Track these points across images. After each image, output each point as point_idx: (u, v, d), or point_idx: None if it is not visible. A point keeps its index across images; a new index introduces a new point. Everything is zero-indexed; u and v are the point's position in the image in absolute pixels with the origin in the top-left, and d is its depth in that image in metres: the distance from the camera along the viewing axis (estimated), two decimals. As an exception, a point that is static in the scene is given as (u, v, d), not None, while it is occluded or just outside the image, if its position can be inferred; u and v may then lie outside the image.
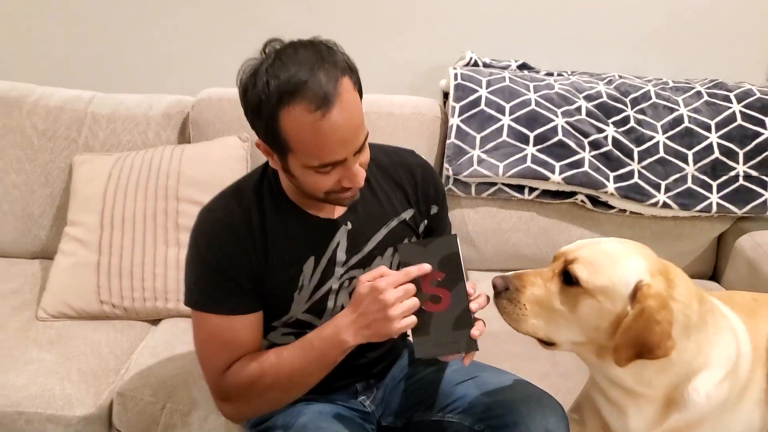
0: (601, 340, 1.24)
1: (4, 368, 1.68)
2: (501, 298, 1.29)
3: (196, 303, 1.33)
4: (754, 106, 2.09)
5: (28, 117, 2.20)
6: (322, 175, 1.23)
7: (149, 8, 2.52)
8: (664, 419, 1.29)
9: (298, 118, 1.15)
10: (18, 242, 2.22)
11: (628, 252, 1.27)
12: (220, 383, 1.34)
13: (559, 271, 1.26)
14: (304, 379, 1.30)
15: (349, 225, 1.38)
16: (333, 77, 1.16)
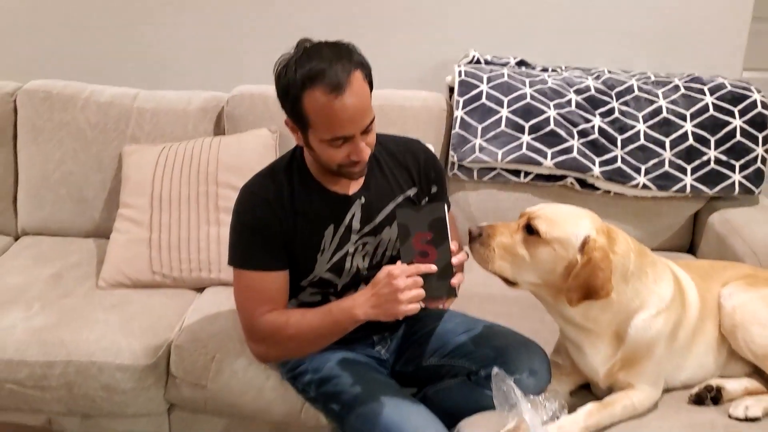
0: (555, 283, 1.51)
1: (77, 327, 1.93)
2: (474, 242, 1.53)
3: (236, 261, 1.63)
4: (725, 98, 2.30)
5: (81, 112, 2.43)
6: (334, 148, 1.50)
7: (187, 14, 2.71)
8: (616, 353, 1.56)
9: (317, 99, 1.44)
10: (74, 223, 2.46)
11: (579, 214, 1.53)
12: (252, 327, 1.63)
13: (523, 225, 1.51)
14: (318, 338, 1.59)
15: (362, 199, 1.66)
16: (347, 70, 1.45)
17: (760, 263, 1.97)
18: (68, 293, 2.12)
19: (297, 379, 1.72)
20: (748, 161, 2.28)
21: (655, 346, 1.56)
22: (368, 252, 1.66)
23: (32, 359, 1.87)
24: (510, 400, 1.47)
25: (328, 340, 1.60)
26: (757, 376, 1.66)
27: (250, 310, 1.62)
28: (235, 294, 1.66)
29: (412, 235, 1.44)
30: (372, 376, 1.63)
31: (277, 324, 1.59)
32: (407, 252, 1.45)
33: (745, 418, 1.54)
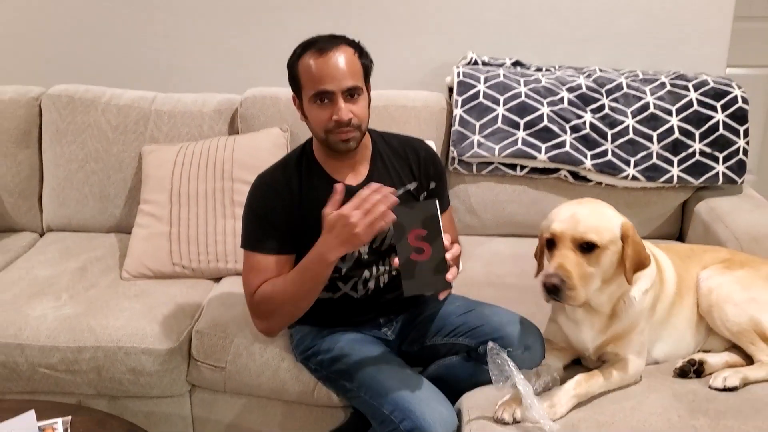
0: (607, 276, 1.63)
1: (104, 314, 2.05)
2: (561, 292, 1.54)
3: (246, 244, 1.78)
4: (708, 94, 2.42)
5: (102, 114, 2.55)
6: (319, 108, 1.67)
7: (201, 21, 2.84)
8: (609, 328, 1.70)
9: (306, 60, 1.66)
10: (96, 219, 2.59)
11: (602, 208, 1.67)
12: (252, 302, 1.77)
13: (575, 246, 1.57)
14: (305, 293, 1.70)
15: None
16: (336, 42, 1.67)
17: (741, 247, 2.09)
18: (94, 284, 2.24)
19: (310, 359, 1.85)
20: (731, 153, 2.40)
21: (640, 318, 1.70)
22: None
23: (63, 345, 1.99)
24: (504, 373, 1.58)
25: (314, 293, 1.70)
26: (737, 351, 1.79)
27: (250, 287, 1.76)
28: (243, 275, 1.81)
29: (407, 232, 1.50)
30: (380, 354, 1.76)
31: (265, 294, 1.73)
32: (403, 248, 1.51)
33: (724, 388, 1.66)
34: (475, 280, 2.21)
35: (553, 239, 1.62)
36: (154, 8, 2.85)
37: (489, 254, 2.41)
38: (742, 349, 1.77)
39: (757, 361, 1.73)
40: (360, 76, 1.69)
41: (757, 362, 1.73)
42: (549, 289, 1.56)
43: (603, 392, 1.68)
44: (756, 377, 1.69)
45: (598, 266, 1.60)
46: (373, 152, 1.84)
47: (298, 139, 2.35)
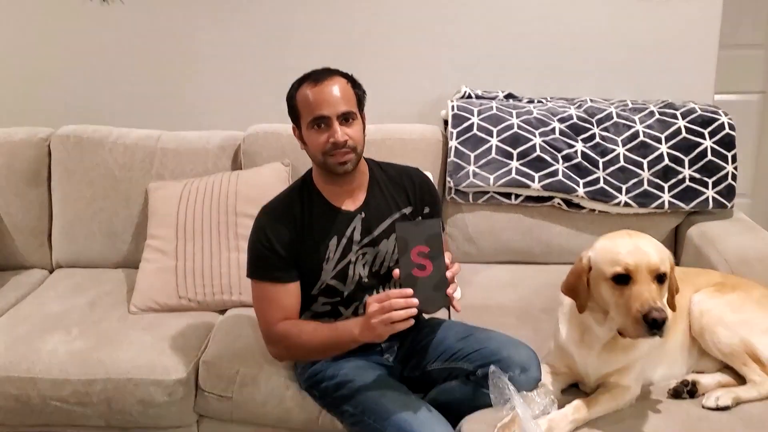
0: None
1: (114, 347, 2.10)
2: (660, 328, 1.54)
3: (253, 274, 1.86)
4: (696, 121, 2.49)
5: (110, 153, 2.62)
6: (316, 132, 1.78)
7: (203, 61, 2.93)
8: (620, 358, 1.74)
9: (302, 91, 1.79)
10: (104, 255, 2.64)
11: (652, 239, 1.69)
12: (268, 331, 1.85)
13: (653, 279, 1.59)
14: (325, 351, 1.80)
15: (362, 215, 1.89)
16: (331, 74, 1.79)
17: (732, 270, 2.15)
18: (103, 318, 2.30)
19: (314, 387, 1.90)
20: (720, 178, 2.46)
21: (649, 347, 1.76)
22: (368, 261, 1.88)
23: (74, 378, 2.04)
24: (504, 396, 1.64)
25: (333, 353, 1.81)
26: (729, 371, 1.84)
27: (265, 316, 1.85)
28: (254, 303, 1.89)
29: (410, 248, 1.55)
30: (383, 379, 1.81)
31: (291, 333, 1.81)
32: (405, 264, 1.56)
33: (717, 407, 1.71)
34: (474, 305, 2.26)
35: (628, 274, 1.60)
36: (158, 51, 2.94)
37: (487, 281, 2.47)
38: (734, 369, 1.82)
39: (749, 381, 1.78)
40: (353, 102, 1.81)
41: (748, 382, 1.78)
42: (654, 324, 1.53)
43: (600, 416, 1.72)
44: (747, 397, 1.74)
45: (664, 295, 1.64)
46: (370, 179, 1.93)
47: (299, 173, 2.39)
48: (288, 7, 2.87)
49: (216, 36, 2.92)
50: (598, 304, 1.70)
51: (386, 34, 2.88)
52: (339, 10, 2.86)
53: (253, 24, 2.89)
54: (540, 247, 2.57)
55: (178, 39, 2.93)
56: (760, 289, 1.94)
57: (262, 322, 1.87)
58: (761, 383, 1.76)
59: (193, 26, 2.91)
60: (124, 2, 2.89)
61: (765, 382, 1.76)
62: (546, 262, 2.59)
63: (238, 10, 2.88)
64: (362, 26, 2.87)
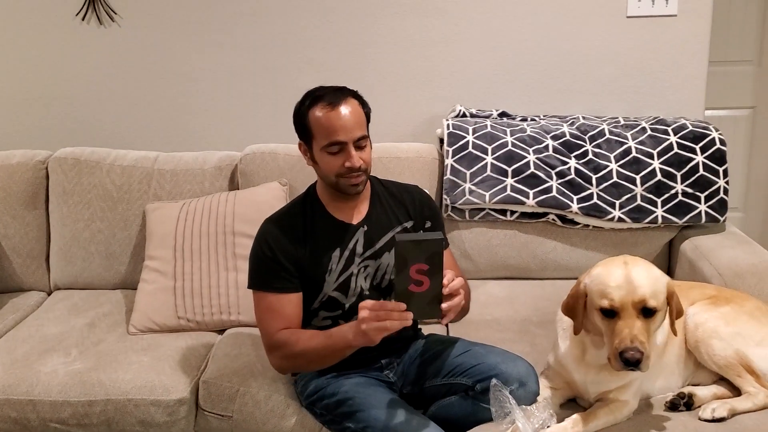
0: (656, 330, 1.70)
1: (113, 368, 2.11)
2: (640, 364, 1.58)
3: (255, 285, 1.88)
4: (687, 137, 2.53)
5: (107, 175, 2.64)
6: (331, 155, 1.80)
7: (199, 82, 2.95)
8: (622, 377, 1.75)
9: (317, 112, 1.79)
10: (102, 276, 2.65)
11: (651, 269, 1.70)
12: (269, 341, 1.86)
13: (637, 313, 1.62)
14: (321, 359, 1.81)
15: (365, 227, 1.92)
16: (343, 95, 1.81)
17: (725, 283, 2.17)
18: (102, 339, 2.30)
19: (315, 404, 1.91)
20: (712, 192, 2.49)
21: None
22: (369, 274, 1.90)
23: (74, 399, 2.04)
24: (505, 409, 1.66)
25: (330, 361, 1.81)
26: (724, 383, 1.86)
27: (267, 327, 1.86)
28: (256, 314, 1.90)
29: (409, 265, 1.55)
30: (383, 395, 1.83)
31: (290, 340, 1.83)
32: (402, 280, 1.55)
33: (713, 419, 1.73)
34: (472, 321, 2.27)
35: (613, 309, 1.64)
36: (154, 73, 2.97)
37: (484, 297, 2.49)
38: (729, 381, 1.84)
39: (744, 392, 1.80)
40: (365, 125, 1.84)
41: (744, 394, 1.80)
42: (630, 363, 1.58)
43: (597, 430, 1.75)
44: (743, 408, 1.77)
45: (654, 327, 1.68)
46: (372, 194, 1.97)
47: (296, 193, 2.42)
48: (284, 27, 2.90)
49: (212, 57, 2.95)
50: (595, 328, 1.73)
51: (381, 54, 2.91)
52: (335, 31, 2.90)
53: (249, 45, 2.93)
54: (535, 263, 2.59)
55: (175, 60, 2.96)
56: (753, 302, 1.97)
57: (264, 333, 1.88)
58: (756, 394, 1.78)
59: (190, 48, 2.94)
60: (121, 25, 2.92)
61: (759, 393, 1.78)
62: (542, 278, 2.61)
63: (234, 31, 2.91)
64: (358, 47, 2.91)
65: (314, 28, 2.90)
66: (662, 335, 1.80)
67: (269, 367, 2.03)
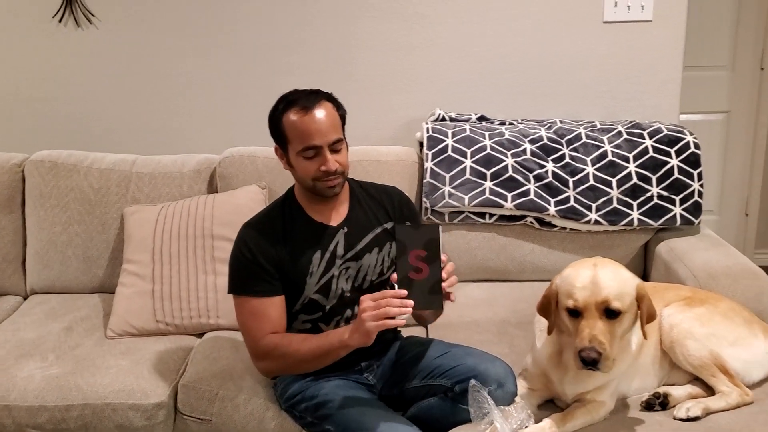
0: (625, 334, 1.73)
1: (91, 373, 2.09)
2: (597, 364, 1.62)
3: (236, 289, 1.87)
4: (662, 141, 2.56)
5: (85, 178, 2.61)
6: (307, 160, 1.81)
7: (178, 85, 2.94)
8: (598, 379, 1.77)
9: (291, 117, 1.80)
10: (80, 280, 2.62)
11: (619, 271, 1.73)
12: (256, 346, 1.86)
13: (600, 314, 1.65)
14: (314, 361, 1.81)
15: (345, 229, 1.92)
16: (317, 98, 1.82)
17: (699, 284, 2.20)
18: (79, 344, 2.28)
19: (295, 407, 1.91)
20: (687, 195, 2.53)
21: (627, 366, 1.81)
22: (351, 275, 1.91)
23: (51, 404, 2.02)
24: (483, 410, 1.68)
25: (323, 363, 1.81)
26: (699, 383, 1.90)
27: (252, 331, 1.86)
28: (238, 319, 1.89)
29: (408, 251, 1.60)
30: (362, 398, 1.83)
31: (279, 346, 1.82)
32: (403, 266, 1.60)
33: (687, 418, 1.76)
34: (451, 323, 2.30)
35: (577, 309, 1.68)
36: (132, 75, 2.96)
37: (463, 299, 2.49)
38: (704, 381, 1.88)
39: (718, 392, 1.84)
40: (340, 127, 1.85)
41: (717, 393, 1.84)
42: (587, 362, 1.62)
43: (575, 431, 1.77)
44: (717, 407, 1.80)
45: (620, 329, 1.70)
46: (351, 196, 1.98)
47: (275, 196, 2.42)
48: (264, 31, 2.90)
49: (191, 60, 2.94)
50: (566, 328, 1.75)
51: (361, 58, 2.92)
52: (315, 35, 2.91)
53: (228, 48, 2.92)
54: (514, 265, 2.62)
55: (153, 63, 2.95)
56: (727, 303, 2.01)
57: (249, 338, 1.88)
58: (729, 393, 1.82)
59: (168, 51, 2.93)
60: (99, 27, 2.90)
61: (733, 393, 1.81)
62: (520, 280, 2.63)
63: (214, 34, 2.91)
64: (338, 50, 2.92)
65: (294, 31, 2.90)
66: (637, 337, 1.83)
67: (249, 370, 2.04)
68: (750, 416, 1.78)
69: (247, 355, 1.96)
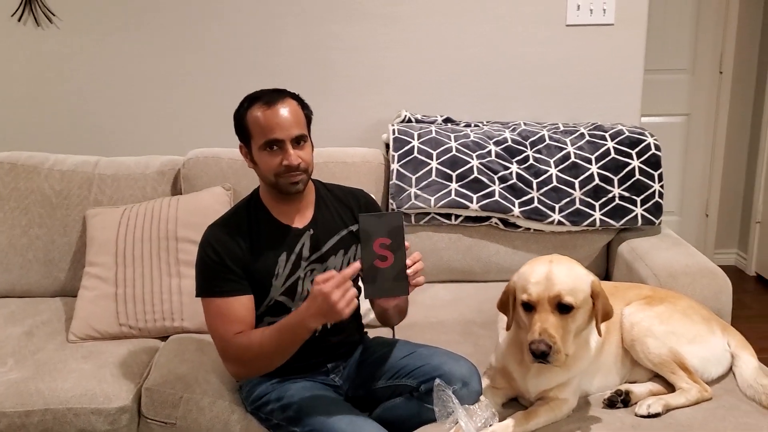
0: (579, 331, 1.74)
1: (52, 377, 2.05)
2: (547, 357, 1.63)
3: (203, 291, 1.85)
4: (624, 142, 2.61)
5: (45, 180, 2.58)
6: (269, 155, 1.80)
7: (141, 84, 2.92)
8: (560, 376, 1.80)
9: (254, 112, 1.81)
10: (41, 284, 2.58)
11: (574, 268, 1.75)
12: (225, 349, 1.84)
13: (553, 308, 1.67)
14: (281, 352, 1.78)
15: (311, 231, 1.92)
16: (281, 96, 1.84)
17: (660, 283, 2.24)
18: (40, 348, 2.24)
19: (260, 409, 1.90)
20: (648, 196, 2.57)
21: (587, 364, 1.83)
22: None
23: (10, 410, 1.98)
24: (448, 409, 1.69)
25: (289, 352, 1.79)
26: (659, 380, 1.93)
27: (220, 333, 1.83)
28: (207, 321, 1.87)
29: (372, 240, 1.61)
30: (329, 399, 1.83)
31: (242, 345, 1.80)
32: (368, 255, 1.61)
33: (648, 415, 1.79)
34: (417, 324, 2.31)
35: (530, 303, 1.70)
36: (95, 76, 2.92)
37: (430, 300, 2.51)
38: (664, 378, 1.91)
39: (678, 388, 1.87)
40: (304, 125, 1.84)
41: (677, 390, 1.87)
42: (536, 355, 1.65)
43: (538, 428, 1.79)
44: (677, 403, 1.83)
45: (574, 324, 1.71)
46: (317, 198, 1.98)
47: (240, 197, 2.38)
48: (229, 31, 2.89)
49: (155, 60, 2.92)
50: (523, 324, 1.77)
51: (328, 59, 2.93)
52: (281, 36, 2.90)
53: (193, 48, 2.91)
54: (479, 266, 2.64)
55: (116, 64, 2.92)
56: (686, 301, 2.04)
57: (218, 339, 1.85)
58: (689, 390, 1.85)
59: (131, 51, 2.91)
60: (60, 27, 2.86)
61: (692, 389, 1.85)
62: (485, 280, 2.65)
63: (179, 34, 2.89)
64: (304, 52, 2.92)
65: (260, 32, 2.90)
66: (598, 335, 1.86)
67: (214, 373, 2.02)
68: (708, 412, 1.81)
69: (212, 357, 1.95)
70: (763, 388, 1.85)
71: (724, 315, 2.17)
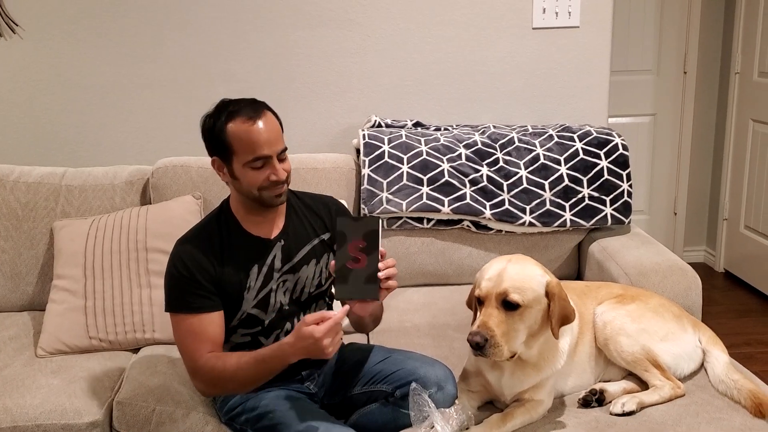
0: (533, 331, 1.75)
1: (20, 394, 2.01)
2: (484, 349, 1.67)
3: (173, 307, 1.82)
4: (592, 143, 2.64)
5: (11, 192, 2.53)
6: (255, 171, 1.77)
7: (108, 93, 2.88)
8: (531, 378, 1.81)
9: (237, 127, 1.75)
10: (8, 298, 2.54)
11: (528, 267, 1.77)
12: (195, 367, 1.80)
13: (499, 304, 1.70)
14: (254, 380, 1.78)
15: (282, 242, 1.89)
16: (260, 108, 1.78)
17: (631, 282, 2.27)
18: (8, 364, 2.19)
19: (235, 419, 1.88)
20: (617, 195, 2.61)
21: (560, 366, 1.84)
22: (288, 288, 1.88)
23: (-23, 429, 1.94)
24: (423, 413, 1.69)
25: (263, 381, 1.78)
26: (633, 378, 1.95)
27: (190, 351, 1.80)
28: (176, 338, 1.84)
29: (348, 241, 1.63)
30: (303, 406, 1.81)
31: (215, 368, 1.77)
32: (341, 256, 1.64)
33: (623, 413, 1.81)
34: (392, 329, 2.31)
35: (480, 298, 1.74)
36: (60, 85, 2.88)
37: (403, 304, 2.51)
38: (638, 376, 1.93)
39: (651, 386, 1.90)
40: (282, 136, 1.83)
41: (651, 387, 1.89)
42: (472, 346, 1.69)
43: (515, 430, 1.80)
44: (650, 401, 1.85)
45: (522, 323, 1.72)
46: (287, 207, 1.95)
47: (211, 206, 2.40)
48: (196, 39, 2.87)
49: (121, 69, 2.88)
50: None
51: (296, 66, 2.92)
52: (248, 43, 2.89)
53: (160, 56, 2.88)
54: (452, 269, 2.65)
55: (83, 73, 2.87)
56: (657, 299, 2.07)
57: (187, 357, 1.82)
58: (662, 387, 1.87)
59: (98, 60, 2.87)
60: (24, 37, 2.82)
61: (665, 386, 1.87)
62: (458, 283, 2.66)
63: (143, 43, 2.86)
64: (272, 59, 2.90)
65: (227, 40, 2.88)
66: (571, 335, 1.87)
67: (186, 384, 1.99)
68: (682, 408, 1.84)
69: (184, 368, 1.91)
70: (734, 383, 1.88)
71: (695, 311, 2.20)
